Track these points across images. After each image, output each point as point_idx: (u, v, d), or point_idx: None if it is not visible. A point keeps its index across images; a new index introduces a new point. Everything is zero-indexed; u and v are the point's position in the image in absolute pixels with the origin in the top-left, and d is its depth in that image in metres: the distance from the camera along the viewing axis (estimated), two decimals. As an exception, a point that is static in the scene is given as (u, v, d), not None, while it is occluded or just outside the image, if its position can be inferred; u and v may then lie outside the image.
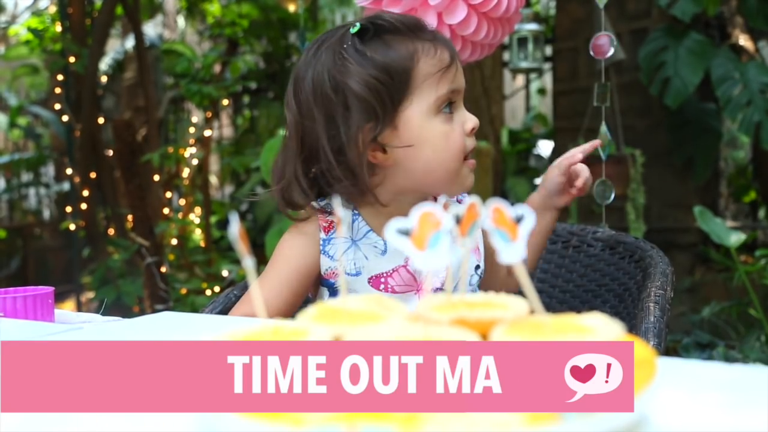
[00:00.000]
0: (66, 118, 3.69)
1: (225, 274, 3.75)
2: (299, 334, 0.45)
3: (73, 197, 3.71)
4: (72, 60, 3.54)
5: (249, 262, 0.46)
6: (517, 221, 0.44)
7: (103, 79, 4.86)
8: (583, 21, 3.64)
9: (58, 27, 3.88)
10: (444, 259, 0.45)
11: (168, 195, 4.29)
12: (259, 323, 0.48)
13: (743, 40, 3.42)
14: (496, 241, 0.44)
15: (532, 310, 0.45)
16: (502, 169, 4.25)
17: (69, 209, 3.71)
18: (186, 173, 4.10)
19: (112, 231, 3.86)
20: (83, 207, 3.62)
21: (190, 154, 4.00)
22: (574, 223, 1.90)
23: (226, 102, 4.85)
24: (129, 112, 5.19)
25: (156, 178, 4.01)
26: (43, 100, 5.63)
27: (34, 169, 5.87)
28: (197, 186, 4.25)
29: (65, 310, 0.96)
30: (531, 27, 3.66)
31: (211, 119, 4.56)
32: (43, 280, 4.72)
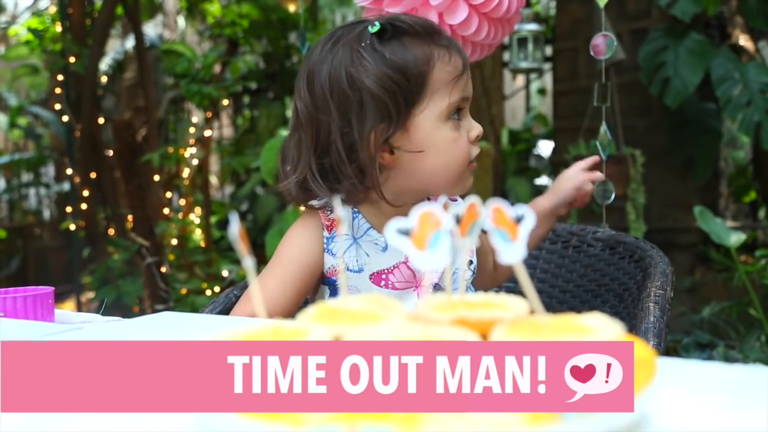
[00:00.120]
0: (66, 118, 3.69)
1: (225, 274, 3.75)
2: (299, 334, 0.45)
3: (73, 197, 3.71)
4: (72, 60, 3.54)
5: (249, 262, 0.46)
6: (517, 221, 0.44)
7: (103, 79, 4.86)
8: (583, 21, 3.64)
9: (58, 27, 3.88)
10: (444, 259, 0.45)
11: (168, 195, 4.29)
12: (259, 323, 0.48)
13: (743, 40, 3.42)
14: (496, 241, 0.44)
15: (532, 310, 0.45)
16: (502, 169, 4.25)
17: (69, 209, 3.71)
18: (186, 173, 4.10)
19: (112, 231, 3.86)
20: (83, 207, 3.62)
21: (190, 154, 4.00)
22: (574, 223, 1.90)
23: (226, 102, 4.85)
24: (129, 112, 5.18)
25: (156, 178, 4.01)
26: (43, 101, 5.63)
27: (34, 169, 5.87)
28: (197, 186, 4.25)
29: (65, 310, 0.96)
30: (531, 27, 3.66)
31: (211, 119, 4.56)
32: (43, 280, 4.72)
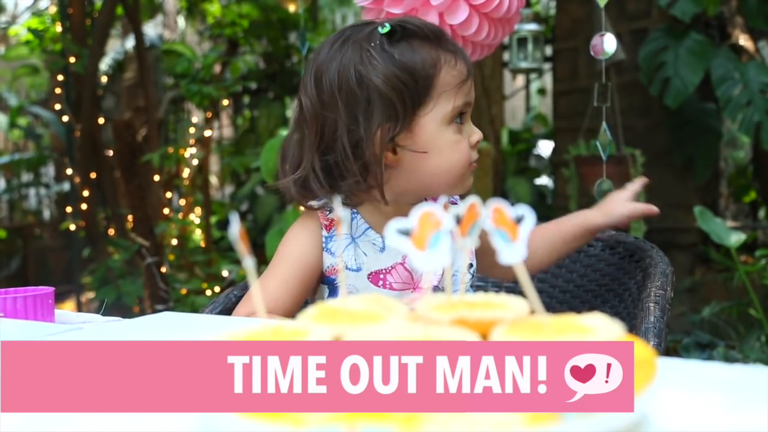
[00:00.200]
0: (66, 118, 3.68)
1: (225, 275, 3.75)
2: (299, 334, 0.45)
3: (73, 197, 3.71)
4: (72, 60, 3.54)
5: (249, 262, 0.46)
6: (517, 221, 0.44)
7: (103, 79, 4.86)
8: (583, 21, 3.64)
9: (58, 27, 3.88)
10: (444, 260, 0.45)
11: (168, 195, 4.29)
12: (260, 323, 0.48)
13: (743, 40, 3.42)
14: (497, 242, 0.44)
15: (533, 310, 0.45)
16: (502, 170, 4.24)
17: (69, 209, 3.71)
18: (186, 173, 4.09)
19: (112, 231, 3.86)
20: (83, 207, 3.62)
21: (190, 154, 3.99)
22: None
23: (226, 102, 4.85)
24: (129, 112, 5.18)
25: (156, 179, 4.01)
26: (43, 101, 5.63)
27: (34, 169, 5.87)
28: (197, 186, 4.25)
29: (65, 311, 0.96)
30: (531, 27, 3.65)
31: (211, 119, 4.56)
32: (43, 280, 4.71)
